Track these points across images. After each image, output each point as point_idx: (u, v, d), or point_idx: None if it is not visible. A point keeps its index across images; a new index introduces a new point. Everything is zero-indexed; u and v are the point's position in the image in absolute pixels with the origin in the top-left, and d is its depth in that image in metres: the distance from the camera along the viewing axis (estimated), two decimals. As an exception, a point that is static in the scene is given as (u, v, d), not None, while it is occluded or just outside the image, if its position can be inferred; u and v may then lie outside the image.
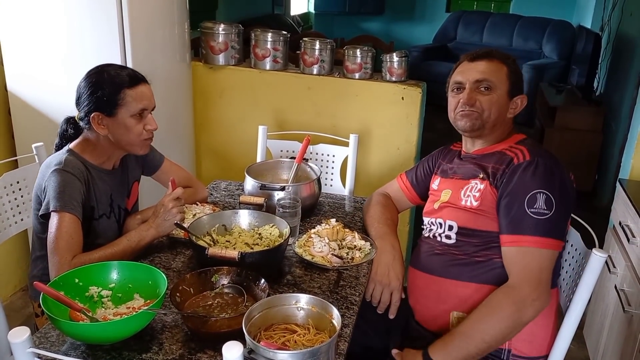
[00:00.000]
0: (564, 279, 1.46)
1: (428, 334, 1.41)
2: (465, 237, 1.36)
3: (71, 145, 1.44)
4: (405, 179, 1.66)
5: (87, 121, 1.40)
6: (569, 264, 1.44)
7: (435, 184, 1.53)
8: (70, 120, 1.49)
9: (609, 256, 2.02)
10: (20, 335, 0.86)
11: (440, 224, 1.42)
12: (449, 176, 1.48)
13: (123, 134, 1.40)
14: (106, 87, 1.37)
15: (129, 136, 1.41)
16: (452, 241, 1.38)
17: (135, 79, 1.40)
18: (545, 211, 1.23)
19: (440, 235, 1.42)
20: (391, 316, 1.43)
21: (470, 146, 1.46)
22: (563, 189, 1.27)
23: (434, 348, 1.25)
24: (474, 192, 1.36)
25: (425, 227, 1.50)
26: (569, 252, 1.46)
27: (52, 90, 2.19)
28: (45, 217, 1.36)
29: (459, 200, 1.39)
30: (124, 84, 1.38)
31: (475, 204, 1.35)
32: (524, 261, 1.24)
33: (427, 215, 1.50)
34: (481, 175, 1.37)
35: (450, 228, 1.39)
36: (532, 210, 1.24)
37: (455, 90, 1.42)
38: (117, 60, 2.10)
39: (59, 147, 1.49)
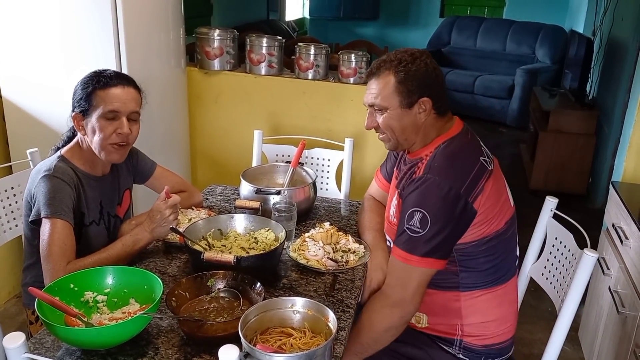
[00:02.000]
0: (557, 280, 1.47)
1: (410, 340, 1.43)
2: None
3: (62, 151, 1.44)
4: (380, 176, 1.67)
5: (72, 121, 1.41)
6: (562, 265, 1.45)
7: (394, 176, 1.54)
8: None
9: (603, 258, 2.04)
10: (15, 340, 0.86)
11: (386, 235, 1.49)
12: (396, 174, 1.49)
13: (94, 134, 1.37)
14: (82, 86, 1.38)
15: (97, 138, 1.37)
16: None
17: (109, 80, 1.36)
18: (418, 229, 1.25)
19: (389, 245, 1.46)
20: None
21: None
22: (444, 209, 1.24)
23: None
24: (393, 206, 1.42)
25: None
26: (562, 254, 1.47)
27: (46, 96, 2.19)
28: (36, 223, 1.35)
29: (389, 213, 1.45)
30: (96, 84, 1.36)
31: (394, 220, 1.39)
32: (391, 270, 1.33)
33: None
34: (399, 189, 1.39)
35: (390, 243, 1.44)
36: (407, 226, 1.27)
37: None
38: (112, 66, 2.10)
39: (56, 151, 1.49)
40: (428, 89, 1.31)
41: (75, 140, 1.45)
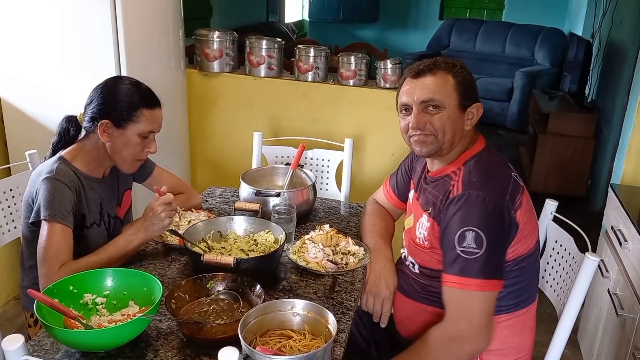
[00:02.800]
0: (557, 283, 1.47)
1: (407, 344, 1.40)
2: (427, 274, 1.35)
3: (62, 153, 1.44)
4: (389, 186, 1.63)
5: (93, 125, 1.40)
6: (563, 268, 1.45)
7: (410, 195, 1.49)
8: (71, 119, 1.49)
9: (602, 260, 2.04)
10: (14, 342, 0.86)
11: (406, 256, 1.43)
12: (418, 195, 1.42)
13: (122, 147, 1.41)
14: (125, 99, 1.39)
15: (127, 152, 1.41)
16: (417, 272, 1.38)
17: (154, 100, 1.43)
18: (475, 250, 1.16)
19: (408, 263, 1.42)
20: (382, 325, 1.43)
21: (430, 165, 1.39)
22: (495, 223, 1.18)
23: None
24: (423, 229, 1.33)
25: (403, 240, 1.48)
26: (562, 257, 1.47)
27: (45, 97, 2.19)
28: (36, 225, 1.35)
29: (415, 235, 1.36)
30: (144, 102, 1.40)
31: (425, 243, 1.32)
32: (450, 303, 1.22)
33: (404, 230, 1.48)
34: (429, 210, 1.31)
35: (413, 265, 1.39)
36: (461, 248, 1.18)
37: (403, 111, 1.33)
38: (112, 68, 2.10)
39: (55, 146, 1.48)
40: (477, 97, 1.30)
41: (77, 144, 1.46)
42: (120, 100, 1.39)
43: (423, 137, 1.28)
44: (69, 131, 1.48)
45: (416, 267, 1.37)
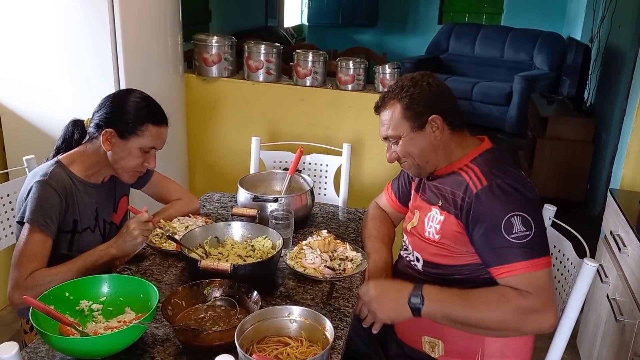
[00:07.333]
0: (556, 289, 1.47)
1: (406, 348, 1.42)
2: (431, 268, 1.37)
3: (60, 156, 1.45)
4: (391, 191, 1.65)
5: (97, 131, 1.42)
6: (561, 274, 1.45)
7: (412, 196, 1.52)
8: (77, 123, 1.50)
9: (601, 266, 2.03)
10: (8, 350, 0.86)
11: (410, 251, 1.44)
12: (420, 194, 1.45)
13: (123, 158, 1.42)
14: (133, 112, 1.41)
15: (126, 163, 1.43)
16: (420, 269, 1.39)
17: (162, 118, 1.45)
18: (526, 232, 1.19)
19: (410, 260, 1.43)
20: (374, 331, 1.41)
21: None
22: (531, 202, 1.23)
23: (429, 287, 1.25)
24: (434, 222, 1.35)
25: (403, 243, 1.50)
26: (560, 262, 1.46)
27: (43, 102, 2.19)
28: (22, 224, 1.36)
29: (423, 230, 1.38)
30: (151, 118, 1.42)
31: (437, 237, 1.33)
32: (524, 284, 1.21)
33: (404, 231, 1.50)
34: (440, 203, 1.34)
35: (417, 259, 1.40)
36: (513, 235, 1.19)
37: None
38: (110, 73, 2.10)
39: (58, 148, 1.50)
40: (435, 106, 1.32)
41: (79, 148, 1.46)
42: (128, 112, 1.41)
43: (405, 165, 1.40)
44: (74, 135, 1.49)
45: (420, 263, 1.38)
